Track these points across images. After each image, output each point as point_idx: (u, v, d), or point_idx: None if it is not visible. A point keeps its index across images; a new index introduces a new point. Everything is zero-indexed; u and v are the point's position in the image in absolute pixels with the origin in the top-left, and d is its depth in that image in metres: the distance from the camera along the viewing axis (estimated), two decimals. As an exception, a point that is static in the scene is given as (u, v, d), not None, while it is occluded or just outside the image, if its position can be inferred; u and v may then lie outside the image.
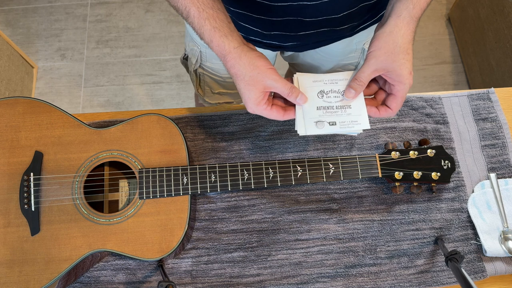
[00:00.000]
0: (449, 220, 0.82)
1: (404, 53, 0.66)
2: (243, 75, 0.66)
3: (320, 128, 0.70)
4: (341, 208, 0.83)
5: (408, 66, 0.67)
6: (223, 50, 0.66)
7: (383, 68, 0.67)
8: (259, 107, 0.68)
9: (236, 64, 0.66)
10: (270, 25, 0.79)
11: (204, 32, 0.66)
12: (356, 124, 0.70)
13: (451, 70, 2.03)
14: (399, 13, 0.66)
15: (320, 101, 0.71)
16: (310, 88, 0.72)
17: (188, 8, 0.65)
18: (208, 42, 0.66)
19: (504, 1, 1.62)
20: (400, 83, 0.68)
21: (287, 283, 0.78)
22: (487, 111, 0.91)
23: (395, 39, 0.66)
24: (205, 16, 0.65)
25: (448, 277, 0.79)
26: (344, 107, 0.71)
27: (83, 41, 2.07)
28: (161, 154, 0.77)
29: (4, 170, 0.75)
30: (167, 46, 2.07)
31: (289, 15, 0.74)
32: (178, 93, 1.99)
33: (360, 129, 0.71)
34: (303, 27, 0.78)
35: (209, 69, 1.02)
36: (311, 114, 0.71)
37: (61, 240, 0.72)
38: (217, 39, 0.65)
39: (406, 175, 0.78)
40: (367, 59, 0.68)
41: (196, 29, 0.67)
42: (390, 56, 0.66)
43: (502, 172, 0.86)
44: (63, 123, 0.78)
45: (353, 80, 0.69)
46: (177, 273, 0.79)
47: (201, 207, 0.83)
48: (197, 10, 0.64)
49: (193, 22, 0.66)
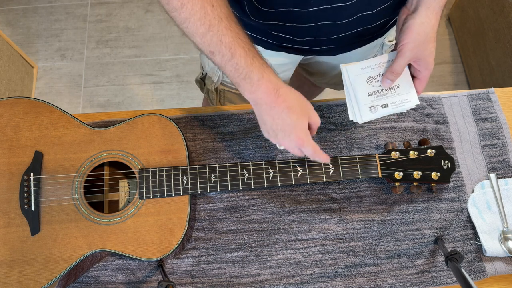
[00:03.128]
0: (449, 220, 0.82)
1: (433, 41, 0.70)
2: (294, 107, 0.67)
3: (373, 112, 0.74)
4: (341, 208, 0.83)
5: (434, 53, 0.71)
6: (276, 84, 0.66)
7: (415, 57, 0.71)
8: (309, 137, 0.70)
9: (288, 97, 0.66)
10: (303, 31, 0.79)
11: (253, 69, 0.64)
12: (406, 102, 0.75)
13: (451, 70, 2.03)
14: (429, 4, 0.69)
15: (370, 87, 0.75)
16: (359, 76, 0.75)
17: (233, 49, 0.63)
18: (258, 79, 0.64)
19: (504, 1, 1.62)
20: (426, 70, 0.73)
21: (287, 283, 0.78)
22: (487, 111, 0.91)
23: (426, 29, 0.69)
24: (252, 55, 0.64)
25: (448, 277, 0.79)
26: (394, 87, 0.75)
27: (83, 41, 2.07)
28: (161, 154, 0.77)
29: (4, 170, 0.75)
30: (167, 46, 2.07)
31: (324, 19, 0.74)
32: (178, 93, 1.99)
33: (411, 106, 0.75)
34: (338, 30, 0.78)
35: (232, 84, 1.01)
36: (364, 101, 0.74)
37: (61, 240, 0.72)
38: (268, 73, 0.65)
39: (406, 175, 0.78)
40: (401, 51, 0.71)
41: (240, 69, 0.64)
42: (422, 46, 0.70)
43: (502, 172, 0.86)
44: (63, 123, 0.78)
45: (389, 72, 0.73)
46: (177, 273, 0.79)
47: (201, 207, 0.83)
48: (243, 50, 0.64)
49: (239, 62, 0.64)
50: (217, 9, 0.62)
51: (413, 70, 0.75)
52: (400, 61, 0.71)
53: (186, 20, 0.62)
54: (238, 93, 1.03)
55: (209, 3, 0.61)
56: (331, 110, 0.90)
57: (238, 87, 0.67)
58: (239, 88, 0.67)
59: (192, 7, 0.60)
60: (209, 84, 1.04)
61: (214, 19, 0.61)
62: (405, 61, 0.71)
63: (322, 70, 1.08)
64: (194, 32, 0.63)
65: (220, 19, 0.62)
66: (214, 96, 1.07)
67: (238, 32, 0.64)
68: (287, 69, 1.00)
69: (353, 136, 0.88)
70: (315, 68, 1.09)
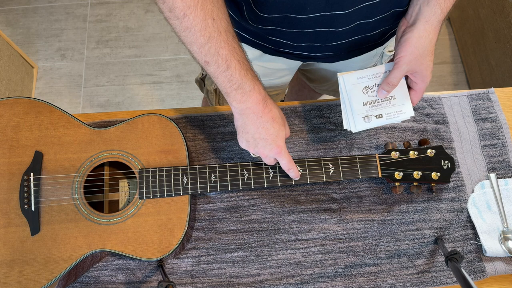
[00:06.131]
0: (449, 220, 0.82)
1: (430, 55, 0.71)
2: (278, 118, 0.71)
3: (368, 122, 0.74)
4: (341, 208, 0.83)
5: (431, 67, 0.72)
6: (265, 95, 0.70)
7: (411, 70, 0.72)
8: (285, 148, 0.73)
9: (273, 108, 0.71)
10: (301, 37, 0.79)
11: (246, 81, 0.67)
12: (401, 113, 0.75)
13: (451, 70, 2.03)
14: (428, 18, 0.69)
15: (366, 97, 0.75)
16: (355, 85, 0.76)
17: (229, 61, 0.66)
18: (250, 90, 0.68)
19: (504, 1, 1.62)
20: (422, 82, 0.73)
21: (287, 283, 0.78)
22: (487, 111, 0.91)
23: (424, 44, 0.69)
24: (245, 68, 0.67)
25: (448, 277, 0.79)
26: (389, 98, 0.76)
27: (83, 41, 2.07)
28: (161, 154, 0.77)
29: (4, 170, 0.75)
30: (167, 46, 2.07)
31: (321, 26, 0.75)
32: (178, 93, 1.99)
33: (405, 117, 0.75)
34: (335, 37, 0.79)
35: None
36: (359, 110, 0.75)
37: (61, 240, 0.72)
38: (258, 85, 0.69)
39: (406, 175, 0.78)
40: (398, 64, 0.71)
41: (234, 80, 0.67)
42: (419, 59, 0.70)
43: (502, 172, 0.86)
44: (63, 123, 0.78)
45: (385, 83, 0.74)
46: (177, 273, 0.79)
47: (201, 207, 0.83)
48: (238, 62, 0.66)
49: (233, 74, 0.66)
50: (217, 23, 0.63)
51: (409, 82, 0.76)
52: (396, 73, 0.72)
53: (187, 29, 0.63)
54: None
55: (210, 16, 0.63)
56: (331, 110, 0.90)
57: (227, 97, 0.69)
58: (228, 98, 0.69)
59: (194, 19, 0.62)
60: (209, 84, 1.04)
61: (214, 31, 0.63)
62: (401, 74, 0.72)
63: (322, 77, 1.09)
64: (193, 42, 0.64)
65: (220, 33, 0.64)
66: (213, 97, 1.07)
67: (234, 46, 0.66)
68: (286, 74, 1.00)
69: (353, 136, 0.88)
70: (315, 75, 1.10)
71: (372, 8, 0.72)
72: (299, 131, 0.88)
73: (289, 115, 0.89)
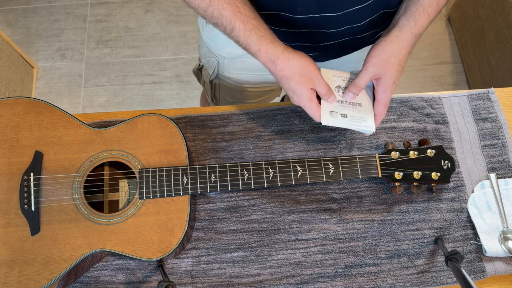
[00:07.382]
0: (449, 220, 0.82)
1: (398, 65, 0.71)
2: (293, 76, 0.70)
3: (333, 117, 0.75)
4: (341, 208, 0.83)
5: (397, 77, 0.72)
6: (272, 55, 0.69)
7: (377, 74, 0.72)
8: (312, 104, 0.73)
9: (286, 66, 0.70)
10: (292, 37, 0.80)
11: (251, 42, 0.68)
12: (364, 121, 0.76)
13: (451, 70, 2.03)
14: (401, 27, 0.71)
15: (337, 95, 0.77)
16: (329, 81, 0.77)
17: (233, 22, 0.67)
18: (256, 51, 0.69)
19: (504, 1, 1.62)
20: (383, 93, 0.74)
21: (287, 283, 0.78)
22: (487, 111, 0.91)
23: (393, 49, 0.70)
24: (250, 27, 0.67)
25: (448, 277, 0.79)
26: (356, 104, 0.77)
27: (83, 41, 2.07)
28: (161, 154, 0.77)
29: (4, 170, 0.75)
30: (167, 46, 2.07)
31: (312, 27, 0.76)
32: (178, 93, 1.99)
33: (367, 129, 0.76)
34: (326, 38, 0.80)
35: (227, 79, 1.02)
36: (327, 104, 0.76)
37: (61, 240, 0.72)
38: (264, 46, 0.68)
39: (406, 175, 0.78)
40: (365, 66, 0.72)
41: (241, 41, 0.69)
42: (385, 65, 0.71)
43: (502, 172, 0.86)
44: (63, 123, 0.78)
45: (352, 85, 0.75)
46: (177, 273, 0.79)
47: (201, 207, 0.83)
48: (242, 23, 0.67)
49: (238, 35, 0.68)
50: None
51: (374, 92, 0.77)
52: (363, 75, 0.73)
53: None
54: (233, 87, 1.04)
55: None
56: (331, 110, 0.90)
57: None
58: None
59: None
60: (205, 76, 1.05)
61: None
62: (368, 76, 0.72)
63: None
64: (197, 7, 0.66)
65: None
66: (209, 88, 1.07)
67: (237, 5, 0.66)
68: None
69: (353, 136, 0.88)
70: None
71: (361, 10, 0.73)
72: (299, 131, 0.88)
73: (289, 115, 0.89)
